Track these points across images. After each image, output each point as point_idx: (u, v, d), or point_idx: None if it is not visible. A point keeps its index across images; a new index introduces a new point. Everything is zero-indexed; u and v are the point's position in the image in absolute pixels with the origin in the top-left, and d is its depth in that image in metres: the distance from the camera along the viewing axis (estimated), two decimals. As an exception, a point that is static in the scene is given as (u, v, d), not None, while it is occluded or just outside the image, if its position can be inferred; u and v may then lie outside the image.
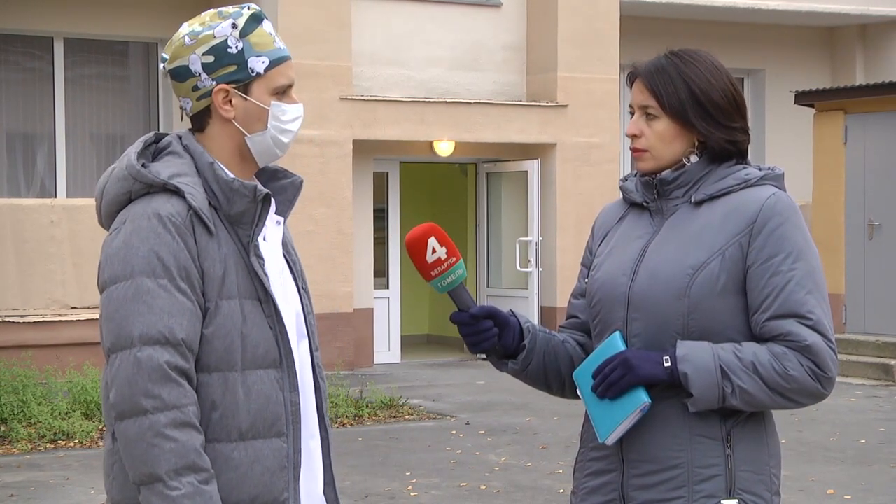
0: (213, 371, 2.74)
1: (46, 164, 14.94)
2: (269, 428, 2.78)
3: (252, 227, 2.80)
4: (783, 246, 2.81)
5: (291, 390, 2.83)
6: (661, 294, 2.85)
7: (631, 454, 2.89)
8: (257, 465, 2.77)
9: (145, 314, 2.66)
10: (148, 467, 2.64)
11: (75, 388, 11.22)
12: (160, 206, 2.72)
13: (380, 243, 15.79)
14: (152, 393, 2.63)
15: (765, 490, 2.86)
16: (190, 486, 2.63)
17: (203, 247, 2.74)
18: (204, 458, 2.67)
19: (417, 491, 8.55)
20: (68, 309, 13.08)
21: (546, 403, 11.79)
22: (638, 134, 2.95)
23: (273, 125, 2.85)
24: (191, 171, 2.79)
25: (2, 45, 14.71)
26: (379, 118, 14.69)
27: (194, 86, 2.81)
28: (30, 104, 14.88)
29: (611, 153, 16.13)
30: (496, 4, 16.08)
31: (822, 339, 2.79)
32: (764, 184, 2.90)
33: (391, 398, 11.93)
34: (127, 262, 2.69)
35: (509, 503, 8.21)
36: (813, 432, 10.08)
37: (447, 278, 2.89)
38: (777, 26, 18.52)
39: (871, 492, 8.56)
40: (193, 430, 2.66)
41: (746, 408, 2.82)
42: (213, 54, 2.79)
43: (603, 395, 2.86)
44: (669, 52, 2.96)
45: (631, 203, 3.06)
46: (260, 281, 2.79)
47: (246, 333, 2.76)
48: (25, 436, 10.29)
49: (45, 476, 9.08)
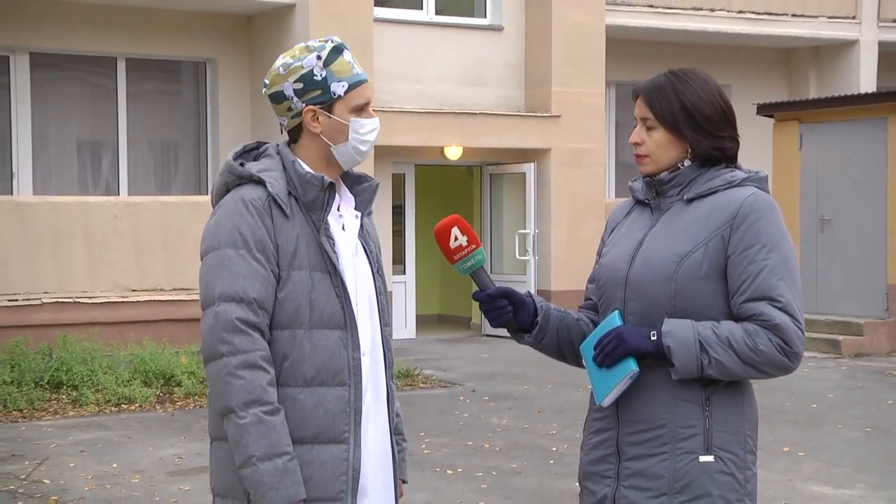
0: (284, 328, 2.87)
1: (111, 167, 14.95)
2: (332, 378, 2.90)
3: (322, 212, 2.93)
4: (759, 238, 2.82)
5: (354, 349, 2.93)
6: (652, 278, 2.87)
7: (625, 415, 2.91)
8: (320, 407, 2.88)
9: (225, 277, 2.83)
10: (224, 401, 2.80)
11: (136, 359, 11.26)
12: (245, 192, 2.91)
13: (398, 235, 15.80)
14: (226, 340, 2.80)
15: (739, 448, 2.87)
16: (255, 417, 2.77)
17: (279, 226, 2.88)
18: (269, 394, 2.80)
19: (430, 449, 8.56)
20: (129, 291, 13.10)
21: (542, 374, 11.80)
22: (639, 142, 2.97)
23: (353, 137, 2.98)
24: (277, 167, 2.96)
25: (73, 64, 14.72)
26: (396, 127, 14.67)
27: (288, 107, 2.97)
28: (97, 116, 14.89)
29: (598, 158, 16.12)
30: (498, 28, 16.06)
31: (790, 319, 2.79)
32: (747, 185, 2.92)
33: (408, 369, 11.95)
34: (216, 236, 2.88)
35: (509, 460, 8.21)
36: (771, 398, 10.09)
37: (468, 262, 2.97)
38: (742, 48, 18.49)
39: (820, 450, 8.56)
40: (260, 371, 2.80)
41: (722, 377, 2.83)
42: (302, 82, 2.94)
43: (600, 364, 2.88)
44: (668, 70, 2.99)
45: (636, 201, 3.08)
46: (328, 256, 2.91)
47: (314, 299, 2.89)
48: (93, 400, 10.33)
49: (110, 435, 9.11)
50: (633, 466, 2.87)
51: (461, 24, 15.95)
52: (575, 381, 10.65)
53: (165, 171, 15.42)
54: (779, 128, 15.35)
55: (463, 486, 7.44)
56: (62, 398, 10.48)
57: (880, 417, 9.89)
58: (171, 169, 15.49)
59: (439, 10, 15.95)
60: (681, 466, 2.82)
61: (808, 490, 7.35)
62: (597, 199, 16.01)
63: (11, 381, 10.57)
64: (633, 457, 2.88)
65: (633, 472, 2.87)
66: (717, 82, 2.99)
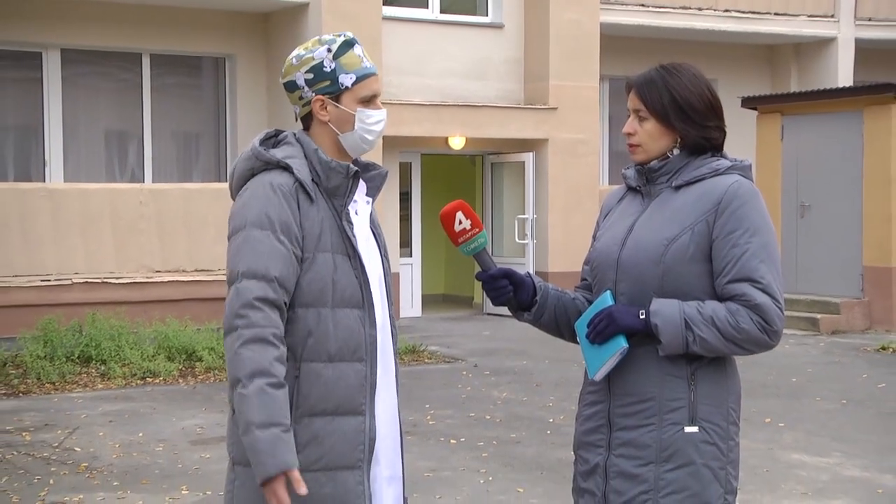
0: (309, 307, 2.86)
1: (136, 156, 14.94)
2: (352, 353, 2.89)
3: (344, 198, 2.93)
4: (742, 223, 2.82)
5: (371, 326, 2.93)
6: (641, 260, 2.87)
7: (616, 389, 2.91)
8: (341, 381, 2.87)
9: (250, 255, 2.80)
10: (233, 371, 2.76)
11: (160, 336, 11.27)
12: (273, 177, 2.87)
13: (405, 220, 15.78)
14: (242, 314, 2.77)
15: (722, 420, 2.87)
16: (258, 387, 2.72)
17: (304, 210, 2.87)
18: (276, 368, 2.75)
19: (435, 420, 8.58)
20: (154, 272, 13.11)
21: (539, 351, 11.81)
22: (632, 132, 2.96)
23: (359, 126, 2.96)
24: (299, 155, 2.93)
25: (101, 60, 14.69)
26: (404, 118, 14.65)
27: (300, 96, 2.96)
28: (123, 108, 14.87)
29: (593, 147, 16.08)
30: (499, 26, 16.01)
31: (770, 299, 2.79)
32: (731, 173, 2.91)
33: (414, 345, 11.95)
34: (243, 216, 2.85)
35: (509, 430, 8.23)
36: (754, 373, 10.10)
37: (471, 244, 2.96)
38: (728, 44, 18.43)
39: (799, 420, 8.57)
40: (270, 346, 2.75)
41: (707, 354, 2.83)
42: (313, 72, 2.93)
43: (593, 341, 2.88)
44: (660, 65, 2.97)
45: (629, 187, 3.07)
46: (349, 240, 2.91)
47: (336, 280, 2.88)
48: (120, 374, 10.35)
49: (136, 406, 9.13)
50: (624, 436, 2.88)
51: (464, 22, 15.90)
52: (570, 357, 10.66)
53: (187, 160, 15.41)
54: (762, 119, 15.31)
55: (465, 454, 7.46)
56: (91, 372, 10.51)
57: (855, 390, 9.90)
58: (192, 158, 15.48)
59: (444, 9, 15.90)
60: (667, 436, 2.82)
61: (788, 458, 7.36)
62: (591, 186, 15.99)
63: (45, 356, 10.60)
64: (623, 427, 2.88)
65: (623, 441, 2.88)
66: (705, 76, 2.98)
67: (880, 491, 6.58)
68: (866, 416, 8.80)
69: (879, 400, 9.46)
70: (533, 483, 6.69)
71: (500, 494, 6.44)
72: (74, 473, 6.93)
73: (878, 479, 6.85)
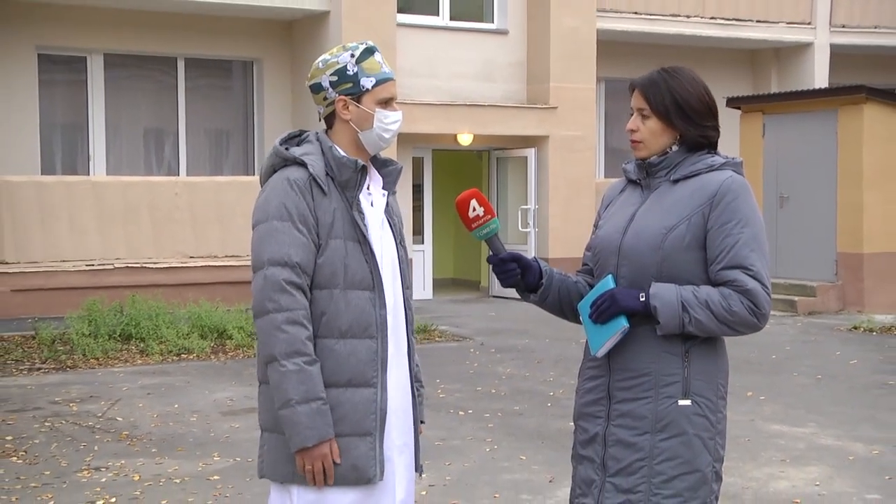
0: (322, 288, 2.88)
1: (172, 152, 14.93)
2: (363, 331, 2.90)
3: (355, 190, 2.94)
4: (735, 215, 2.80)
5: (381, 307, 2.94)
6: (642, 247, 2.85)
7: (615, 364, 2.89)
8: (353, 356, 2.89)
9: (273, 244, 2.83)
10: (269, 350, 2.80)
11: (193, 316, 11.28)
12: (290, 173, 2.91)
13: (417, 210, 15.75)
14: (273, 298, 2.81)
15: (712, 394, 2.86)
16: (295, 365, 2.79)
17: (318, 202, 2.89)
18: (309, 347, 2.82)
19: (445, 394, 8.57)
20: (188, 258, 13.12)
21: (541, 330, 11.79)
22: (635, 129, 2.94)
23: (378, 125, 2.98)
24: (316, 151, 2.95)
25: (140, 63, 14.68)
26: (416, 117, 14.60)
27: (324, 97, 2.98)
28: (160, 107, 14.86)
29: (590, 144, 16.02)
30: (504, 32, 15.94)
31: (759, 285, 2.79)
32: (725, 168, 2.89)
33: (425, 325, 11.94)
34: (265, 210, 2.89)
35: (513, 403, 8.22)
36: (738, 350, 10.06)
37: (484, 230, 2.93)
38: (713, 48, 18.33)
39: (779, 394, 8.55)
40: (301, 327, 2.81)
41: (701, 334, 2.82)
42: (337, 75, 2.95)
43: (596, 320, 2.86)
44: (661, 68, 2.96)
45: (629, 180, 3.05)
46: (359, 228, 2.92)
47: (347, 264, 2.89)
48: (158, 350, 10.35)
49: (172, 380, 9.14)
50: (622, 408, 2.86)
51: (472, 29, 15.83)
52: (569, 336, 10.64)
53: (218, 155, 15.40)
54: (745, 118, 15.25)
55: (473, 425, 7.45)
56: (132, 349, 10.52)
57: (829, 367, 9.86)
58: (223, 153, 15.46)
59: (453, 17, 15.84)
60: (662, 409, 2.81)
61: (768, 429, 7.33)
62: (588, 180, 15.94)
63: (89, 334, 10.62)
64: (621, 400, 2.87)
65: (621, 412, 2.86)
66: (702, 79, 2.96)
67: (851, 458, 6.55)
68: (839, 390, 8.77)
69: (851, 375, 9.43)
70: (535, 451, 6.67)
71: (504, 461, 6.43)
72: (116, 441, 6.94)
73: (849, 447, 6.83)
